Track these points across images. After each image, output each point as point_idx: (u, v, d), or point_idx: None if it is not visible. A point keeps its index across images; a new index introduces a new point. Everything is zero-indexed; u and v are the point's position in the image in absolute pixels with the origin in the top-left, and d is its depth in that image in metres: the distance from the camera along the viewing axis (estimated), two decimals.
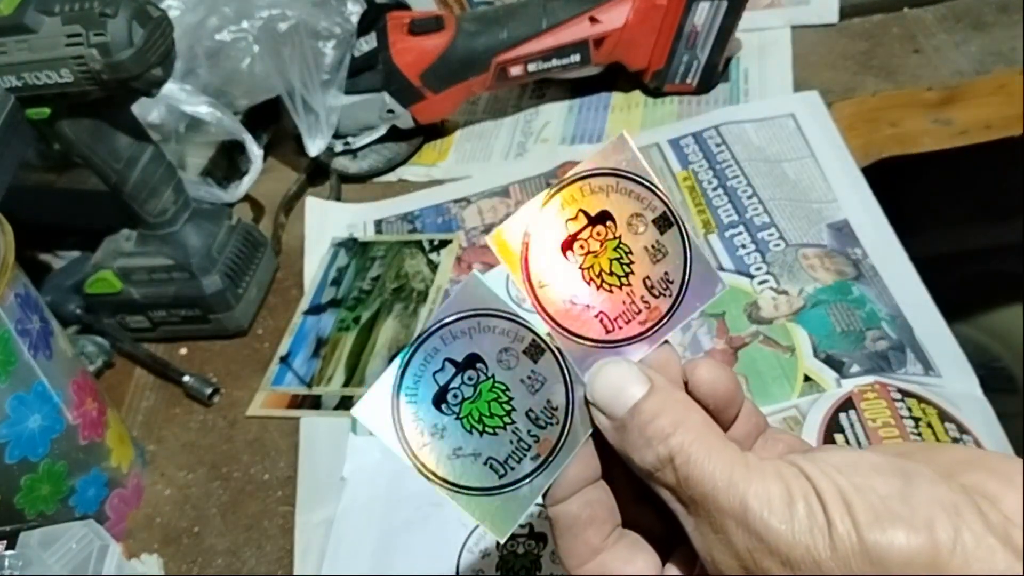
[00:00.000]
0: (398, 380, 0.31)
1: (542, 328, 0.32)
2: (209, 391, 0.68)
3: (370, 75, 0.81)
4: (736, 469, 0.28)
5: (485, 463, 0.31)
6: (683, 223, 0.34)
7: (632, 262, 0.33)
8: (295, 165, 0.88)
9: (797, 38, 0.85)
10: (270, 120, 0.90)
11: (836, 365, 0.56)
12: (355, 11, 0.79)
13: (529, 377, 0.32)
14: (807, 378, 0.56)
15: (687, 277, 0.33)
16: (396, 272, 0.74)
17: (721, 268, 0.65)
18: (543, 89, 0.90)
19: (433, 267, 0.73)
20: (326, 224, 0.80)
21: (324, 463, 0.61)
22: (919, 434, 0.52)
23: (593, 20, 0.79)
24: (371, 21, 0.81)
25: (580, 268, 0.33)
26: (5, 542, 0.51)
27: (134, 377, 0.72)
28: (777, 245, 0.65)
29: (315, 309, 0.73)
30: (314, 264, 0.77)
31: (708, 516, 0.28)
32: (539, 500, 0.32)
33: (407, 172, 0.86)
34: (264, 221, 0.83)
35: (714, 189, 0.72)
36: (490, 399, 0.31)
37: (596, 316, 0.33)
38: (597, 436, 0.32)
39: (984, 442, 0.51)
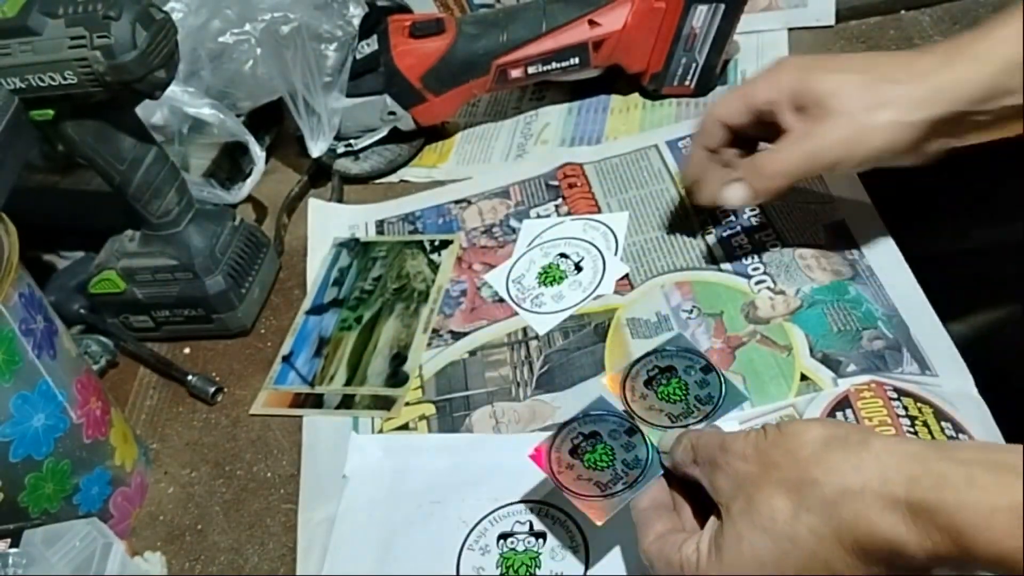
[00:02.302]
0: (554, 436, 0.52)
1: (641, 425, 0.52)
2: (212, 390, 0.68)
3: (371, 77, 0.81)
4: (717, 436, 0.46)
5: (594, 484, 0.50)
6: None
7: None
8: (297, 166, 0.89)
9: (794, 40, 0.85)
10: (272, 122, 0.90)
11: (833, 364, 0.57)
12: (357, 14, 0.80)
13: (624, 445, 0.51)
14: (804, 377, 0.57)
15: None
16: (398, 272, 0.74)
17: (719, 268, 0.66)
18: (543, 91, 0.90)
19: (434, 267, 0.74)
20: (328, 225, 0.81)
21: (326, 461, 0.61)
22: (915, 433, 0.52)
23: (592, 23, 0.79)
24: (372, 24, 0.81)
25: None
26: (9, 540, 0.51)
27: (138, 376, 0.72)
28: (774, 245, 0.65)
29: (317, 309, 0.73)
30: (316, 264, 0.78)
31: (711, 462, 0.44)
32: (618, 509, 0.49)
33: (408, 173, 0.86)
34: (267, 222, 0.84)
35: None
36: (601, 453, 0.51)
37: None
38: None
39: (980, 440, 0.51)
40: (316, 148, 0.81)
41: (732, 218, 0.69)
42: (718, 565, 0.42)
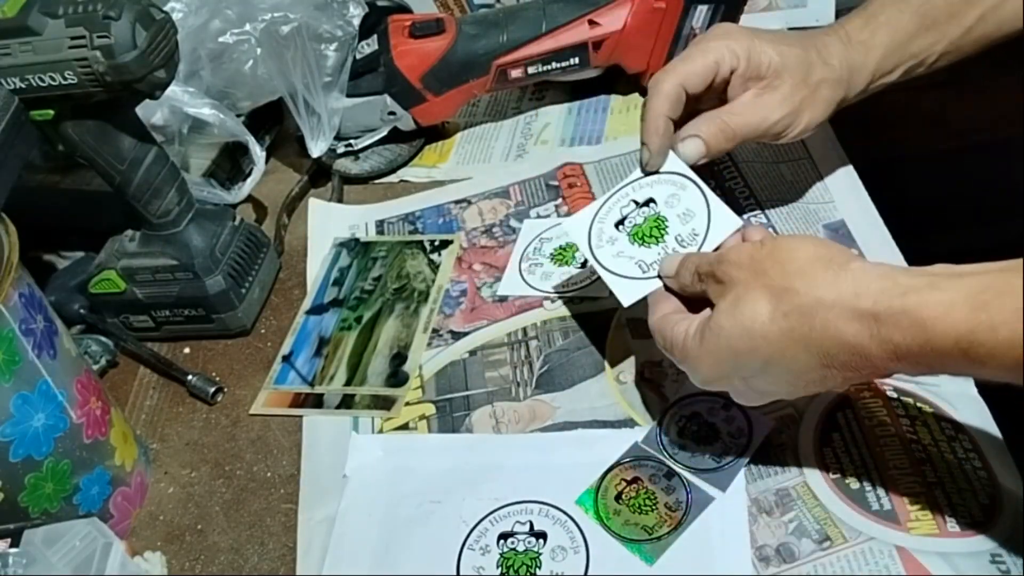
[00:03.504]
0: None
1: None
2: (212, 390, 0.68)
3: (371, 77, 0.81)
4: (716, 254, 0.51)
5: (636, 262, 0.53)
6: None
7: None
8: (297, 166, 0.89)
9: None
10: (273, 122, 0.91)
11: None
12: (357, 14, 0.80)
13: (665, 488, 0.53)
14: None
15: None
16: (397, 272, 0.74)
17: None
18: (543, 91, 0.90)
19: (434, 267, 0.74)
20: (328, 225, 0.81)
21: (326, 461, 0.61)
22: (915, 432, 0.52)
23: (592, 23, 0.79)
24: (372, 24, 0.82)
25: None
26: (9, 540, 0.51)
27: (138, 376, 0.72)
28: None
29: (317, 309, 0.73)
30: (316, 264, 0.78)
31: (711, 274, 0.49)
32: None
33: (408, 173, 0.86)
34: (267, 222, 0.84)
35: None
36: (644, 497, 0.53)
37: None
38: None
39: (980, 441, 0.51)
40: (316, 148, 0.81)
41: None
42: (697, 348, 0.48)
